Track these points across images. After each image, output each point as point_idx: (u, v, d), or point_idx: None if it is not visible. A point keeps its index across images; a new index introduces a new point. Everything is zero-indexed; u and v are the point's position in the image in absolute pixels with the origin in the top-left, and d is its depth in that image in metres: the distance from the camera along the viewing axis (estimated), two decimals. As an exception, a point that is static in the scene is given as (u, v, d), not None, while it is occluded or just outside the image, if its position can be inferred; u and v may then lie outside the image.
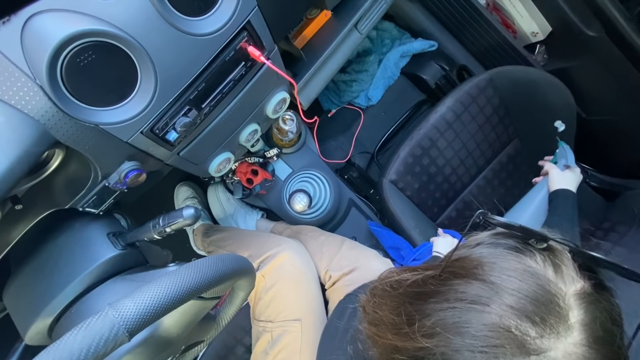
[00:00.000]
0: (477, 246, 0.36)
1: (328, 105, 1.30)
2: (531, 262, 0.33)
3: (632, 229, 0.94)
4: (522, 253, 0.34)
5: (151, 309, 0.34)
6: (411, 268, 0.40)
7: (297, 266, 0.81)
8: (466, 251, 0.36)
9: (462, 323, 0.31)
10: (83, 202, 0.58)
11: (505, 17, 1.08)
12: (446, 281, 0.34)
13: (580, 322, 0.30)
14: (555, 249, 0.35)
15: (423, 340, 0.32)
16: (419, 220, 0.97)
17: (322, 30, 0.85)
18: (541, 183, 0.82)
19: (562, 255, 0.34)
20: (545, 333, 0.29)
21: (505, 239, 0.36)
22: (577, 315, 0.31)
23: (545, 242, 0.34)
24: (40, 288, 0.57)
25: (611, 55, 0.89)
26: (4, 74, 0.41)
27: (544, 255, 0.34)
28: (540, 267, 0.33)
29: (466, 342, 0.30)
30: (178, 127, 0.56)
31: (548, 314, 0.30)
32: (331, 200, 1.11)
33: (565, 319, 0.30)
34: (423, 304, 0.34)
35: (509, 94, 0.99)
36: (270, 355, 0.72)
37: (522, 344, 0.29)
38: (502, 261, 0.33)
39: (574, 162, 0.79)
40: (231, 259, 0.44)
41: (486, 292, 0.32)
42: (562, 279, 0.32)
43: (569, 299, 0.31)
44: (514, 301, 0.31)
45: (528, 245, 0.35)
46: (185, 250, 1.23)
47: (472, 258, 0.35)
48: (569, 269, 0.33)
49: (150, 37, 0.47)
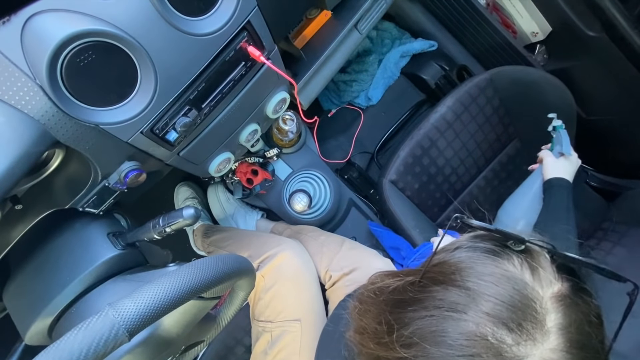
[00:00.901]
0: (455, 250, 0.36)
1: (328, 105, 1.30)
2: (508, 265, 0.33)
3: (632, 229, 0.94)
4: (499, 256, 0.34)
5: (151, 309, 0.34)
6: (394, 273, 0.40)
7: (297, 266, 0.80)
8: (445, 255, 0.36)
9: (439, 332, 0.31)
10: (83, 202, 0.58)
11: (505, 17, 1.08)
12: (425, 288, 0.34)
13: (557, 326, 0.30)
14: (533, 250, 0.34)
15: (402, 350, 0.32)
16: (419, 220, 0.97)
17: (322, 30, 0.85)
18: (536, 172, 0.81)
19: (540, 257, 0.34)
20: (522, 340, 0.29)
21: (483, 241, 0.35)
22: (554, 319, 0.31)
23: (522, 244, 0.34)
24: (40, 288, 0.57)
25: (611, 55, 0.89)
26: (4, 74, 0.41)
27: (521, 258, 0.34)
28: (518, 270, 0.33)
29: (443, 351, 0.30)
30: (178, 127, 0.56)
31: (525, 319, 0.30)
32: (331, 200, 1.11)
33: (542, 324, 0.30)
34: (402, 313, 0.34)
35: (509, 94, 0.99)
36: (270, 355, 0.72)
37: (499, 352, 0.29)
38: (479, 266, 0.33)
39: (569, 149, 0.77)
40: (231, 259, 0.44)
41: (463, 299, 0.31)
42: (539, 282, 0.32)
43: (546, 303, 0.31)
44: (491, 308, 0.30)
45: (506, 248, 0.34)
46: (185, 250, 1.23)
47: (451, 263, 0.35)
48: (547, 271, 0.33)
49: (150, 37, 0.47)
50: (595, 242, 0.96)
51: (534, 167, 0.83)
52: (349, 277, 0.80)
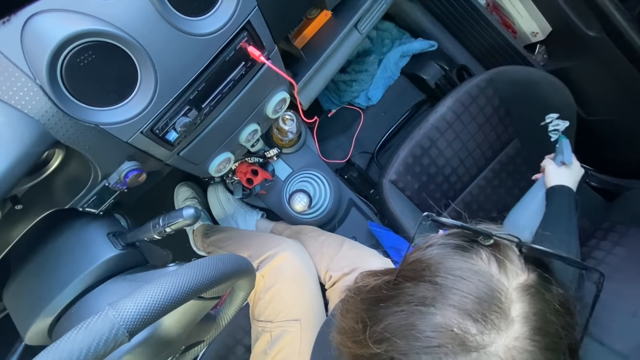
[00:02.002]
0: (428, 248, 0.37)
1: (328, 105, 1.30)
2: (477, 259, 0.34)
3: (632, 229, 0.94)
4: (468, 251, 0.35)
5: (151, 309, 0.34)
6: (374, 273, 0.41)
7: (297, 266, 0.80)
8: (419, 254, 0.37)
9: (407, 326, 0.32)
10: (83, 202, 0.58)
11: (505, 17, 1.08)
12: (398, 285, 0.35)
13: (521, 315, 0.31)
14: (500, 244, 0.36)
15: (374, 346, 0.33)
16: (419, 220, 0.96)
17: (322, 30, 0.85)
18: (540, 181, 0.82)
19: (508, 250, 0.35)
20: (486, 329, 0.30)
21: (454, 238, 0.37)
22: (518, 308, 0.32)
23: (490, 239, 0.35)
24: (40, 288, 0.57)
25: (611, 55, 0.89)
26: (4, 74, 0.41)
27: (489, 252, 0.35)
28: (485, 264, 0.34)
29: (411, 344, 0.31)
30: (178, 127, 0.56)
31: (490, 310, 0.31)
32: (331, 200, 1.11)
33: (507, 313, 0.31)
34: (376, 310, 0.35)
35: (509, 94, 0.99)
36: (270, 355, 0.72)
37: (463, 342, 0.30)
38: (448, 261, 0.34)
39: (570, 158, 0.78)
40: (231, 259, 0.44)
41: (431, 293, 0.33)
42: (505, 274, 0.33)
43: (511, 294, 0.32)
44: (457, 300, 0.31)
45: (475, 243, 0.35)
46: (185, 250, 1.23)
47: (422, 260, 0.36)
48: (513, 263, 0.34)
49: (151, 37, 0.47)
50: (595, 242, 0.96)
51: (538, 176, 0.84)
52: (349, 277, 0.80)
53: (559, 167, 0.78)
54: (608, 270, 0.80)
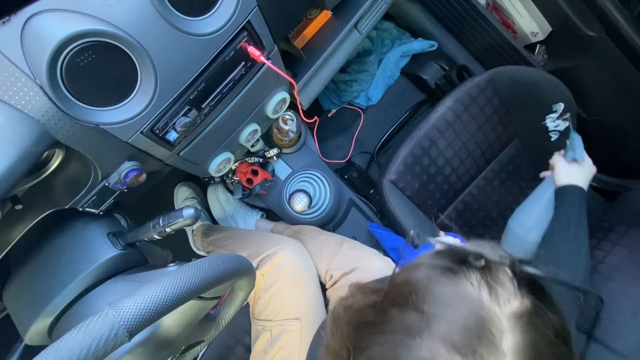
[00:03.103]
0: (416, 268, 0.35)
1: (328, 105, 1.30)
2: (466, 283, 0.32)
3: (632, 229, 0.94)
4: (457, 274, 0.32)
5: (151, 309, 0.34)
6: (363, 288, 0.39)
7: (296, 265, 0.81)
8: (406, 274, 0.35)
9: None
10: (83, 202, 0.58)
11: (505, 17, 1.08)
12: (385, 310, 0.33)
13: (513, 347, 0.29)
14: (492, 265, 0.33)
15: None
16: (419, 220, 0.97)
17: (322, 30, 0.85)
18: (548, 179, 0.78)
19: (499, 272, 0.32)
20: None
21: (443, 258, 0.34)
22: (510, 340, 0.29)
23: (481, 259, 0.32)
24: (40, 288, 0.57)
25: (611, 55, 0.89)
26: (4, 74, 0.41)
27: (479, 275, 0.32)
28: (475, 289, 0.31)
29: None
30: (178, 127, 0.56)
31: (479, 344, 0.29)
32: (331, 200, 1.11)
33: (497, 346, 0.29)
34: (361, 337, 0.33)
35: (509, 94, 0.99)
36: (270, 354, 0.72)
37: None
38: (436, 286, 0.32)
39: (582, 155, 0.74)
40: (231, 259, 0.44)
41: (417, 323, 0.30)
42: (496, 300, 0.31)
43: (502, 323, 0.30)
44: (444, 332, 0.29)
45: (465, 264, 0.33)
46: (185, 250, 1.23)
47: (410, 282, 0.34)
48: (505, 288, 0.32)
49: (151, 37, 0.47)
50: (595, 242, 0.96)
51: (546, 174, 0.81)
52: (349, 276, 0.80)
53: (569, 164, 0.74)
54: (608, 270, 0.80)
